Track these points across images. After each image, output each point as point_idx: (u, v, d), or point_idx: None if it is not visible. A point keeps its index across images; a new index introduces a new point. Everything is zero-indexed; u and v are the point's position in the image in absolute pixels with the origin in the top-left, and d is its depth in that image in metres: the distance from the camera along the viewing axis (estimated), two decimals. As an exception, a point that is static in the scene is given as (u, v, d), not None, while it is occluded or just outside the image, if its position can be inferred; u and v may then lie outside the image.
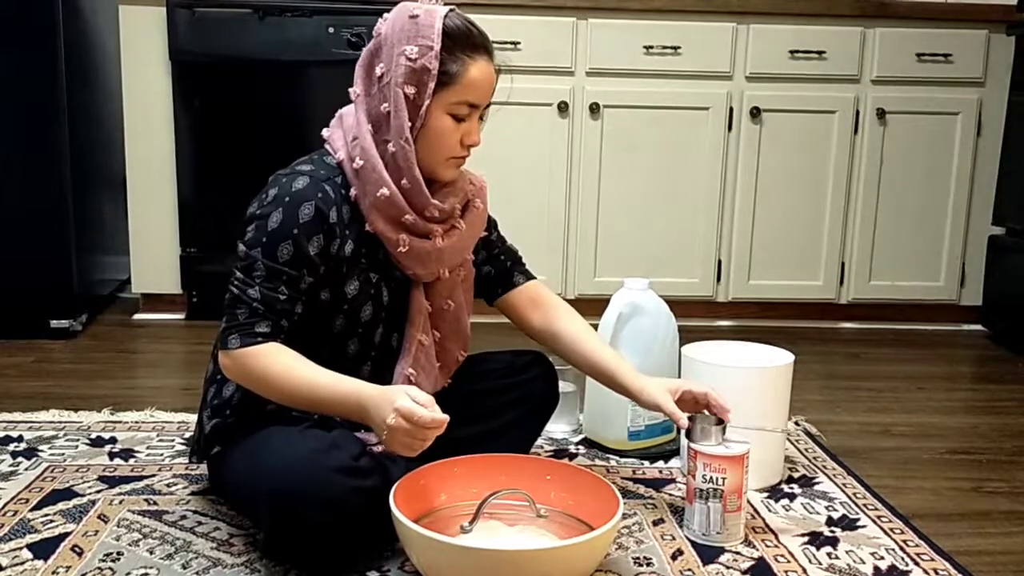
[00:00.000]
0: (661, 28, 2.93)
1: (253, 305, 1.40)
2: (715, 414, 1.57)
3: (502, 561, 1.27)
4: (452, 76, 1.42)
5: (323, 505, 1.30)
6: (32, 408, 2.09)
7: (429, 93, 1.41)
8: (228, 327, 1.42)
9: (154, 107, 2.88)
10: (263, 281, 1.40)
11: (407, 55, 1.40)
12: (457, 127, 1.46)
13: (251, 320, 1.40)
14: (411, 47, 1.40)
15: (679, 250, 3.06)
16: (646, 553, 1.50)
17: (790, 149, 3.03)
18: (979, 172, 3.09)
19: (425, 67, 1.40)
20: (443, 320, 1.60)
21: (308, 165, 1.47)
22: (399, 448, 1.32)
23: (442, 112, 1.44)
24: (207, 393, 1.54)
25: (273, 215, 1.40)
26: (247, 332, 1.40)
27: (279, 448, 1.37)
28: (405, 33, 1.41)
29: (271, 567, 1.41)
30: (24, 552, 1.44)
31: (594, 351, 1.65)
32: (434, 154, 1.46)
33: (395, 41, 1.42)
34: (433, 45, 1.40)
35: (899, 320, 3.16)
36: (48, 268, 2.71)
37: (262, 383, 1.41)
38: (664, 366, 1.93)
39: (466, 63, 1.43)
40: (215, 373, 1.52)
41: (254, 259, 1.41)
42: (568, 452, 1.94)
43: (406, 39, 1.41)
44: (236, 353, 1.40)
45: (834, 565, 1.49)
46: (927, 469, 1.95)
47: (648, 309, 1.92)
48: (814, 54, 2.98)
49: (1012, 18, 2.95)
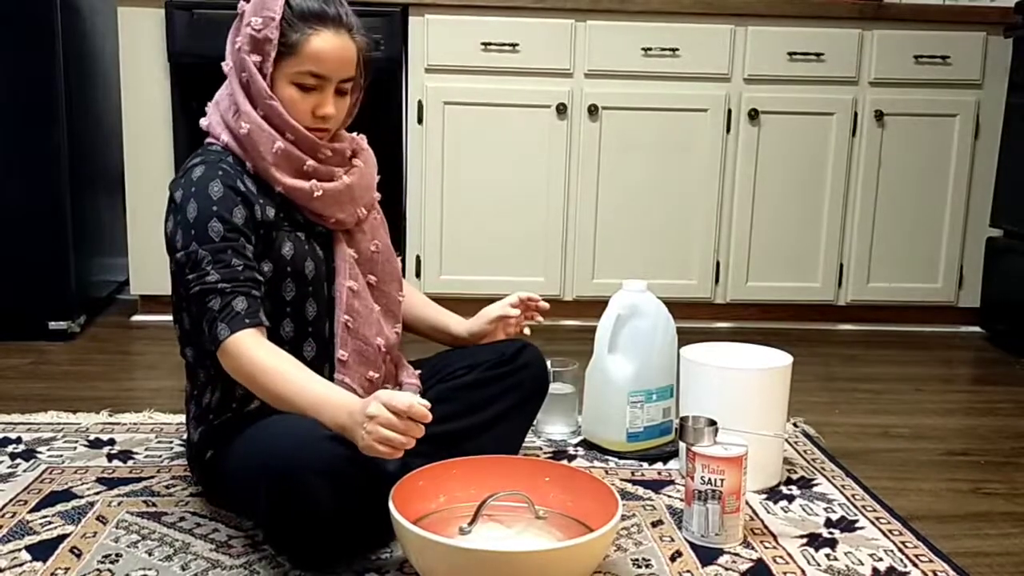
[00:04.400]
0: (659, 30, 2.94)
1: (218, 287, 1.41)
2: (531, 309, 1.76)
3: (501, 563, 1.27)
4: (291, 46, 1.47)
5: (318, 472, 1.30)
6: (30, 410, 2.09)
7: (271, 62, 1.47)
8: (209, 322, 1.41)
9: (152, 109, 2.88)
10: (213, 264, 1.41)
11: (252, 25, 1.46)
12: (304, 97, 1.49)
13: (226, 303, 1.41)
14: (256, 18, 1.46)
15: (677, 252, 3.07)
16: (645, 555, 1.51)
17: (788, 151, 3.04)
18: (977, 174, 3.09)
19: (267, 37, 1.46)
20: (375, 263, 1.63)
21: (196, 158, 1.51)
22: (380, 444, 1.27)
23: (287, 82, 1.49)
24: (188, 411, 1.59)
25: (188, 208, 1.44)
26: (228, 316, 1.40)
27: (274, 430, 1.38)
28: (255, 5, 1.48)
29: (270, 568, 1.41)
30: (23, 554, 1.44)
31: (425, 306, 1.82)
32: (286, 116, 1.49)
33: (248, 14, 1.48)
34: (275, 16, 1.46)
35: (897, 322, 3.17)
36: (46, 270, 2.71)
37: (248, 378, 1.41)
38: (663, 368, 1.93)
39: (306, 35, 1.47)
40: (192, 390, 1.58)
41: (193, 252, 1.42)
42: (567, 454, 1.94)
43: (254, 11, 1.47)
44: (229, 343, 1.39)
45: (833, 567, 1.49)
46: (925, 471, 1.95)
47: (646, 311, 1.92)
48: (812, 56, 2.98)
49: (1009, 20, 2.96)
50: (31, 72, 2.62)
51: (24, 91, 2.63)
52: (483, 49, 2.90)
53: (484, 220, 2.97)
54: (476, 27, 2.90)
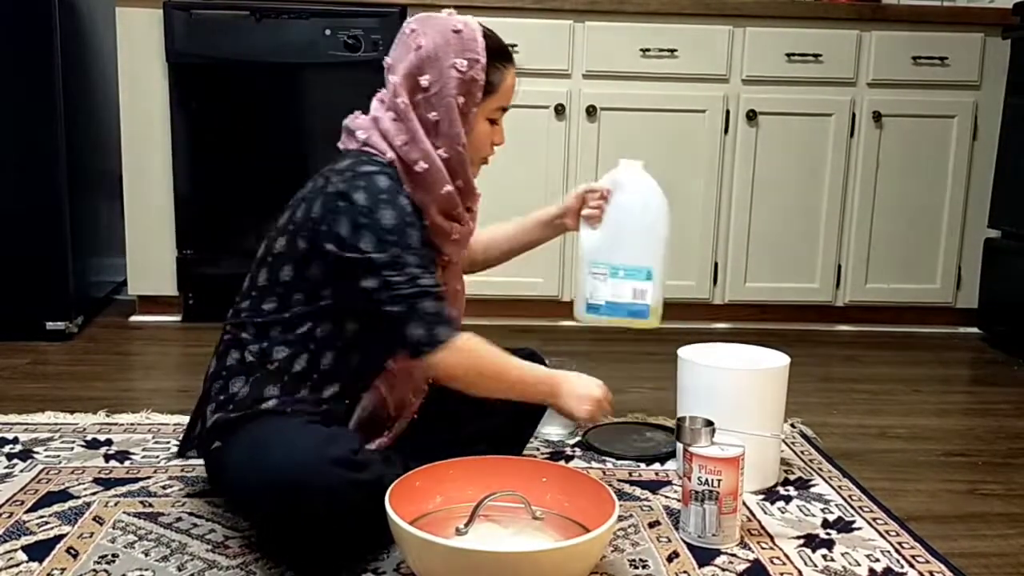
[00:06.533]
0: (658, 31, 2.94)
1: (432, 291, 1.45)
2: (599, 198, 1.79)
3: (498, 563, 1.27)
4: (494, 85, 1.54)
5: (322, 496, 1.31)
6: (27, 410, 2.09)
7: (477, 102, 1.52)
8: (427, 323, 1.43)
9: (151, 109, 2.88)
10: (422, 268, 1.45)
11: (458, 68, 1.49)
12: (491, 130, 1.60)
13: (440, 307, 1.45)
14: (460, 60, 1.49)
15: (676, 252, 3.03)
16: (642, 555, 1.51)
17: (786, 152, 3.04)
18: (975, 175, 3.10)
19: (474, 78, 1.51)
20: (458, 301, 1.68)
21: (369, 166, 1.49)
22: (589, 411, 1.53)
23: (483, 118, 1.56)
24: (211, 389, 1.53)
25: (382, 213, 1.44)
26: (445, 319, 1.45)
27: (280, 441, 1.37)
28: (452, 47, 1.49)
29: (267, 569, 1.41)
30: (19, 554, 1.44)
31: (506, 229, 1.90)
32: (473, 156, 1.57)
33: (442, 55, 1.49)
34: (480, 59, 1.51)
35: (895, 323, 3.17)
36: (44, 270, 2.70)
37: (476, 371, 1.49)
38: (641, 248, 1.84)
39: (503, 72, 1.55)
40: (220, 370, 1.53)
41: (397, 255, 1.43)
42: (564, 454, 1.94)
43: (454, 52, 1.49)
44: (457, 341, 1.45)
45: (830, 567, 1.49)
46: (923, 471, 1.95)
47: (630, 188, 1.85)
48: (810, 57, 2.98)
49: (1007, 21, 2.96)
50: (30, 72, 2.62)
51: (22, 91, 2.63)
52: (481, 50, 2.90)
53: (482, 220, 2.95)
54: (474, 28, 2.89)
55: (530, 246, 1.89)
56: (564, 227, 1.86)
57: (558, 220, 1.85)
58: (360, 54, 2.85)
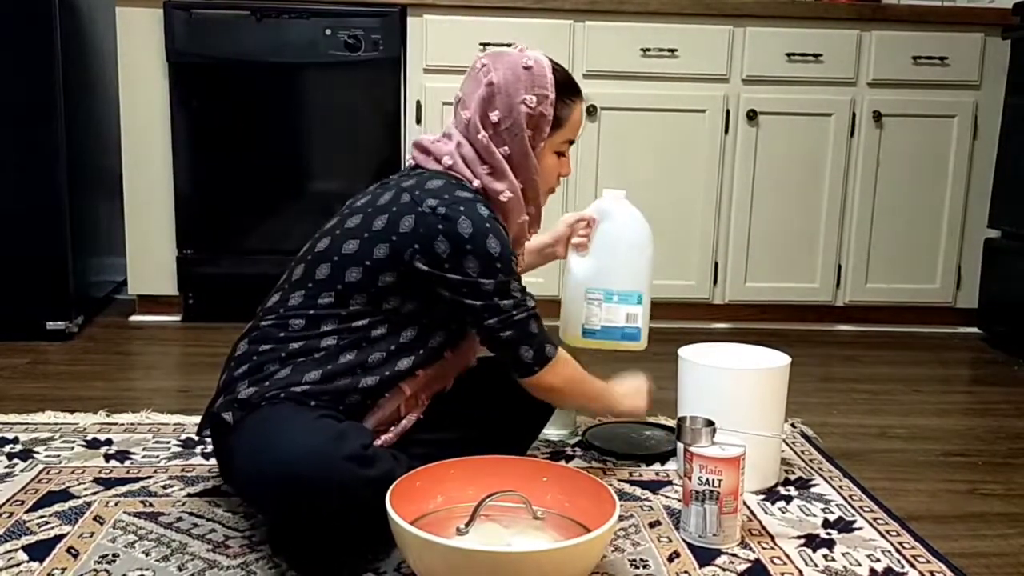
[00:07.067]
0: (658, 31, 2.94)
1: (535, 312, 1.55)
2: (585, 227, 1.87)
3: (498, 563, 1.27)
4: (561, 120, 1.60)
5: (331, 491, 1.31)
6: (28, 410, 2.09)
7: (545, 136, 1.58)
8: (536, 343, 1.54)
9: (151, 108, 2.88)
10: (524, 294, 1.54)
11: (527, 103, 1.55)
12: (559, 162, 1.65)
13: (542, 326, 1.55)
14: (530, 96, 1.55)
15: (676, 252, 3.07)
16: (642, 555, 1.50)
17: (786, 152, 3.04)
18: (975, 175, 3.10)
19: (542, 114, 1.57)
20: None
21: (465, 192, 1.53)
22: (647, 401, 1.75)
23: (551, 151, 1.62)
24: (243, 368, 1.49)
25: (488, 243, 1.48)
26: (549, 340, 1.56)
27: (292, 431, 1.37)
28: (522, 83, 1.55)
29: (267, 568, 1.41)
30: (20, 554, 1.44)
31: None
32: (541, 187, 1.64)
33: (512, 91, 1.55)
34: (549, 94, 1.56)
35: (895, 323, 3.17)
36: (44, 269, 2.71)
37: (577, 386, 1.62)
38: (630, 273, 1.91)
39: (571, 107, 1.61)
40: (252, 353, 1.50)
41: (504, 281, 1.50)
42: (565, 454, 1.94)
43: (524, 88, 1.55)
44: (560, 357, 1.57)
45: (830, 567, 1.49)
46: (923, 471, 1.95)
47: (615, 216, 1.92)
48: (810, 57, 2.98)
49: (1008, 21, 2.96)
50: (30, 72, 2.62)
51: (22, 90, 2.63)
52: (482, 50, 2.89)
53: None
54: (475, 27, 2.90)
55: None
56: (554, 255, 1.95)
57: (549, 249, 1.94)
58: (360, 54, 2.85)
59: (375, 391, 1.51)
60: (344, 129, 2.91)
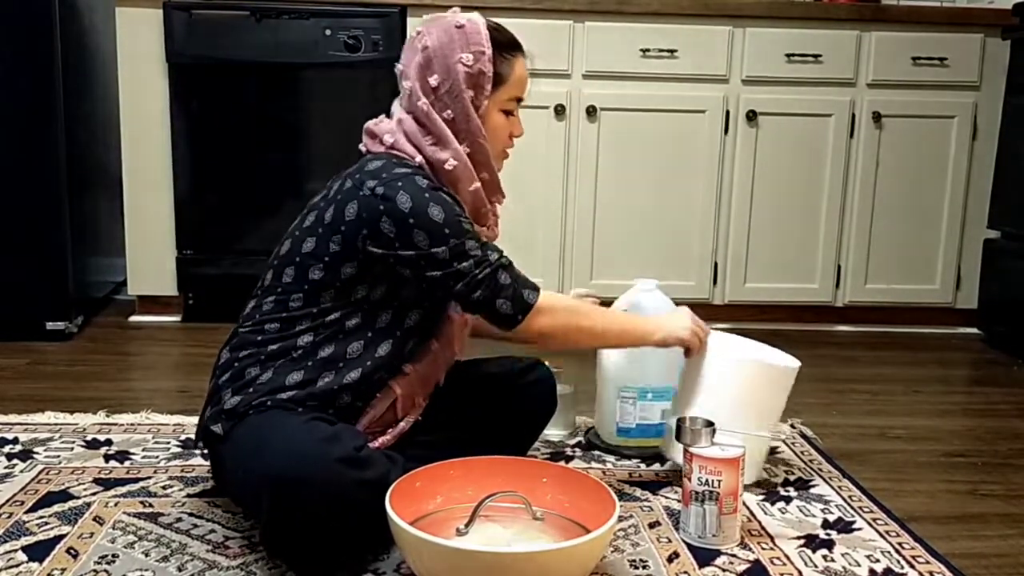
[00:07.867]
0: (658, 31, 2.94)
1: (501, 262, 1.50)
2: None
3: (498, 563, 1.27)
4: (503, 76, 1.56)
5: (325, 494, 1.31)
6: (27, 410, 2.09)
7: (487, 94, 1.54)
8: (510, 294, 1.49)
9: (151, 109, 2.88)
10: (481, 248, 1.48)
11: (464, 62, 1.52)
12: (507, 122, 1.60)
13: (515, 274, 1.51)
14: (466, 55, 1.52)
15: (676, 253, 3.07)
16: (642, 556, 1.50)
17: (786, 152, 3.04)
18: (975, 175, 3.10)
19: (481, 71, 1.53)
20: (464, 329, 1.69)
21: (403, 168, 1.50)
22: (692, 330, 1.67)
23: (496, 110, 1.57)
24: (225, 376, 1.51)
25: (431, 212, 1.45)
26: (524, 283, 1.52)
27: (284, 435, 1.37)
28: (456, 43, 1.52)
29: (267, 569, 1.41)
30: (19, 554, 1.44)
31: None
32: (492, 149, 1.59)
33: (448, 52, 1.52)
34: (485, 50, 1.53)
35: (895, 323, 3.17)
36: (44, 270, 2.70)
37: (574, 327, 1.56)
38: (663, 369, 1.90)
39: (511, 62, 1.57)
40: (233, 360, 1.51)
41: (456, 244, 1.46)
42: (564, 455, 1.94)
43: (459, 48, 1.52)
44: (542, 301, 1.52)
45: (830, 568, 1.49)
46: (923, 472, 1.95)
47: (648, 310, 1.90)
48: (810, 57, 2.98)
49: (1007, 22, 2.96)
50: (29, 72, 2.62)
51: (22, 91, 2.63)
52: (481, 50, 2.90)
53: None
54: (474, 28, 2.89)
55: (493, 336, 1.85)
56: None
57: None
58: (360, 54, 2.85)
59: (363, 388, 1.51)
60: (344, 129, 2.90)
